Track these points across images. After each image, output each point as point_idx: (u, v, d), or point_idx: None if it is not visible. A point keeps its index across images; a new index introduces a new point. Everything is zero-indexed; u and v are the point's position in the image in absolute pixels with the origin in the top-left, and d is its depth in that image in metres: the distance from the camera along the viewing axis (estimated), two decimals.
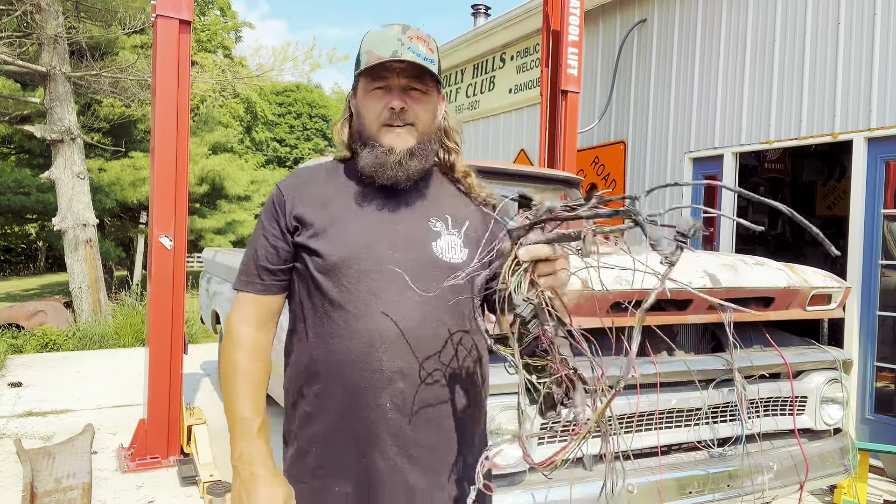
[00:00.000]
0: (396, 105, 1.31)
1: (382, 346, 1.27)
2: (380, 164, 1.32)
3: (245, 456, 1.28)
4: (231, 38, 26.74)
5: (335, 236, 1.31)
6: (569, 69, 5.69)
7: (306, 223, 1.33)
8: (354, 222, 1.33)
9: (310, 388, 1.33)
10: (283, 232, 1.35)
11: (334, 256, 1.30)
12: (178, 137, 4.11)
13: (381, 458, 1.29)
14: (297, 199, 1.36)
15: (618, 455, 2.38)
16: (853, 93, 4.56)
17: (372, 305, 1.28)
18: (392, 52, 1.29)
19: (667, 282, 0.96)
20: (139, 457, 4.10)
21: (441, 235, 1.36)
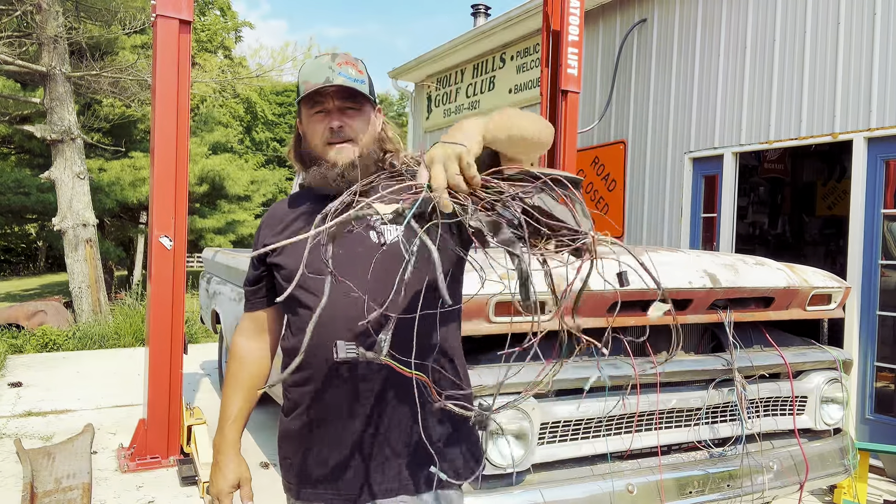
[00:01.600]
0: (335, 125, 1.47)
1: (342, 337, 1.39)
2: (323, 176, 1.48)
3: (216, 446, 1.60)
4: (231, 39, 26.74)
5: (291, 249, 1.48)
6: (569, 69, 5.69)
7: (268, 245, 1.46)
8: (305, 232, 1.41)
9: (293, 377, 1.51)
10: (258, 260, 1.58)
11: (292, 264, 1.49)
12: (178, 137, 4.11)
13: (364, 430, 1.46)
14: (267, 229, 1.60)
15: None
16: (853, 93, 4.56)
17: (328, 300, 1.34)
18: (325, 79, 1.45)
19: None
20: (139, 457, 4.10)
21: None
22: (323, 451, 1.49)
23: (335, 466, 1.48)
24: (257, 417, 5.23)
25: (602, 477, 2.29)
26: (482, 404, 1.33)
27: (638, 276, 1.19)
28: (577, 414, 2.27)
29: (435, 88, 9.56)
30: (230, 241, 18.29)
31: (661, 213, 6.02)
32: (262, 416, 5.28)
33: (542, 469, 2.25)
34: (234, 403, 1.59)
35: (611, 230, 6.52)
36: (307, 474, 1.51)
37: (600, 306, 2.35)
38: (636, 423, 2.41)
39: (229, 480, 1.56)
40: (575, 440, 2.31)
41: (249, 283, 1.63)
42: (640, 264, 1.13)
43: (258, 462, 4.23)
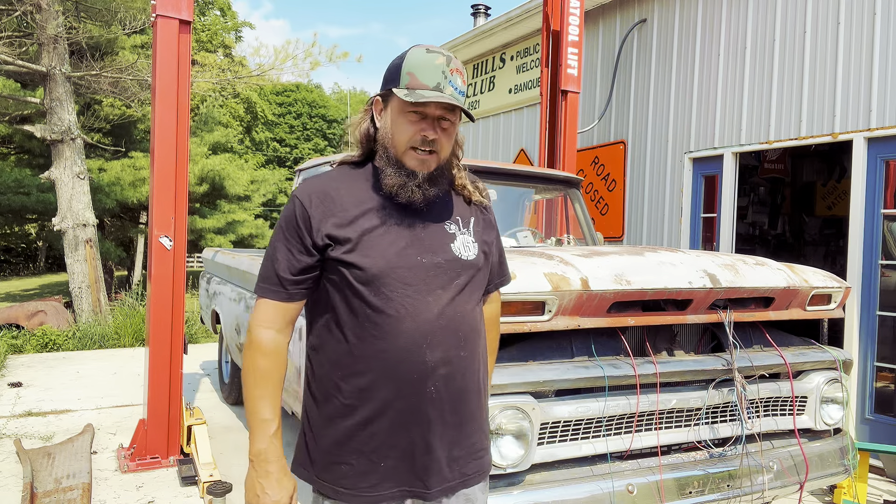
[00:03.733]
0: (430, 135, 1.46)
1: (425, 342, 1.45)
2: (401, 185, 1.47)
3: (262, 454, 1.45)
4: (231, 38, 26.74)
5: (370, 249, 1.44)
6: (569, 69, 5.69)
7: (339, 239, 1.45)
8: (384, 235, 1.46)
9: (350, 383, 1.47)
10: (309, 248, 1.46)
11: (374, 269, 1.43)
12: (178, 137, 4.11)
13: (429, 431, 1.48)
14: (323, 215, 1.47)
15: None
16: (853, 93, 4.56)
17: (412, 307, 1.44)
18: (436, 84, 1.44)
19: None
20: (139, 457, 4.10)
21: (456, 237, 1.54)
22: (392, 453, 1.48)
23: (406, 467, 1.48)
24: None
25: (602, 477, 2.29)
26: None
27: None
28: (576, 414, 2.27)
29: None
30: (230, 241, 18.29)
31: (661, 213, 6.02)
32: None
33: (542, 469, 2.25)
34: (272, 405, 1.48)
35: (611, 230, 6.52)
36: (375, 475, 1.48)
37: (601, 306, 2.35)
38: (636, 423, 2.41)
39: (289, 491, 1.46)
40: (575, 440, 2.31)
41: (292, 270, 1.48)
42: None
43: None
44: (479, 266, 1.56)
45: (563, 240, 4.11)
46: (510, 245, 3.64)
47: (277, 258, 1.49)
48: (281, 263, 1.48)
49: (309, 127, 40.93)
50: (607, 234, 6.47)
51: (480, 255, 1.56)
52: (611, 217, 6.54)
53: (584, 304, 2.30)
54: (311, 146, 40.27)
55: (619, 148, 6.48)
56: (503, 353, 2.28)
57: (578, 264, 2.39)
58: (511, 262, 2.33)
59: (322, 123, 41.20)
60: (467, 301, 1.52)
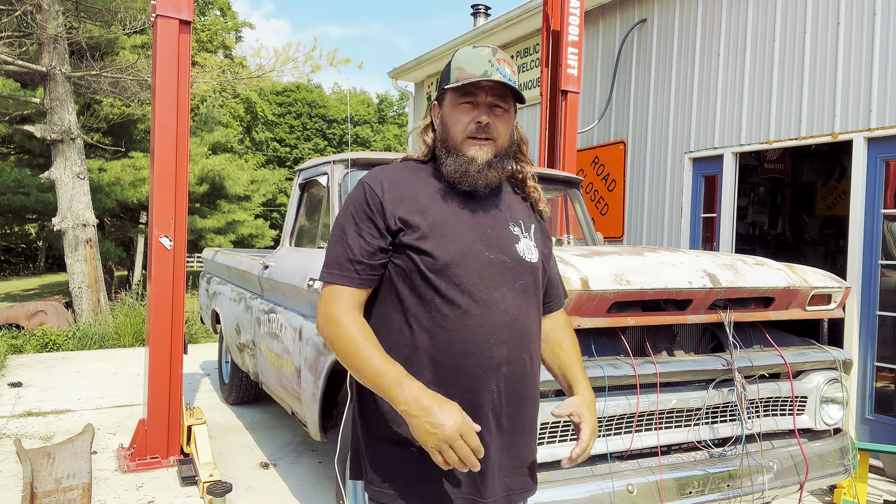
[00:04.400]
0: (483, 120, 1.46)
1: (492, 337, 1.43)
2: (463, 171, 1.47)
3: (410, 398, 1.33)
4: (231, 38, 26.75)
5: (441, 238, 1.44)
6: (569, 69, 5.69)
7: (411, 225, 1.44)
8: (454, 226, 1.46)
9: (412, 373, 1.40)
10: (382, 231, 1.45)
11: (445, 257, 1.42)
12: (178, 137, 4.11)
13: (486, 431, 1.44)
14: (395, 200, 1.46)
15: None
16: (853, 93, 4.56)
17: (480, 301, 1.43)
18: (483, 72, 1.45)
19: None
20: (139, 457, 4.10)
21: (520, 239, 1.55)
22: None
23: (465, 472, 1.41)
24: (256, 417, 5.23)
25: (602, 477, 2.29)
26: None
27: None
28: None
29: (435, 88, 9.56)
30: (230, 241, 18.29)
31: (661, 213, 6.02)
32: (262, 415, 5.28)
33: (542, 469, 2.25)
34: (387, 358, 1.38)
35: (611, 230, 6.52)
36: (436, 480, 1.43)
37: (600, 306, 2.35)
38: (636, 423, 2.41)
39: (456, 410, 1.32)
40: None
41: (364, 255, 1.45)
42: None
43: (258, 462, 4.23)
44: (540, 270, 1.57)
45: (563, 240, 4.11)
46: None
47: (348, 243, 1.45)
48: (353, 248, 1.45)
49: (309, 127, 40.93)
50: (607, 234, 6.47)
51: (540, 261, 1.58)
52: (611, 217, 6.54)
53: (583, 304, 2.30)
54: (311, 146, 40.26)
55: (619, 148, 6.48)
56: None
57: (578, 264, 2.39)
58: None
59: (322, 123, 41.19)
60: (529, 303, 1.52)
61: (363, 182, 1.51)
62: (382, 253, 1.45)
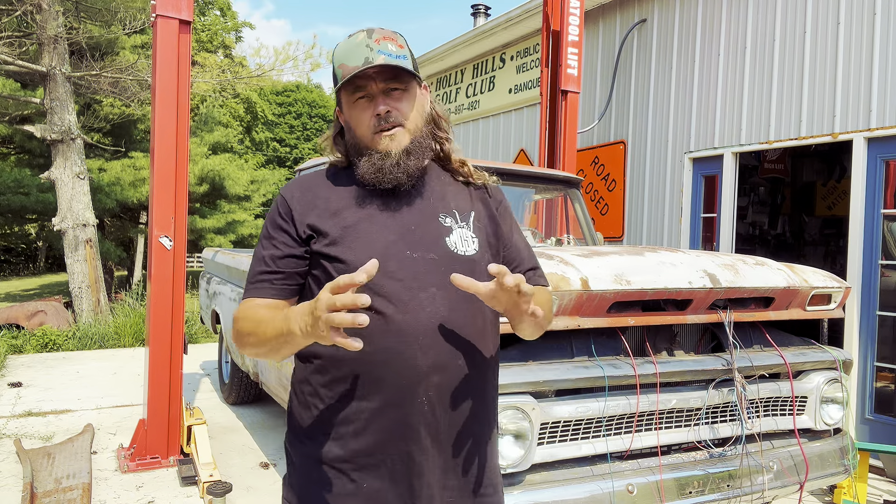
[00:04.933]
0: (381, 110, 1.35)
1: (416, 342, 1.31)
2: (378, 169, 1.36)
3: (291, 314, 1.19)
4: (231, 38, 26.76)
5: (354, 242, 1.34)
6: (569, 69, 5.69)
7: (321, 231, 1.37)
8: (369, 227, 1.37)
9: (333, 389, 1.34)
10: (294, 238, 1.38)
11: (358, 262, 1.29)
12: (178, 137, 4.11)
13: (418, 449, 1.33)
14: (305, 207, 1.40)
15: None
16: (853, 93, 4.56)
17: (401, 305, 1.32)
18: (364, 60, 1.33)
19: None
20: (139, 457, 4.10)
21: (453, 230, 1.42)
22: (377, 472, 1.33)
23: (394, 491, 1.33)
24: (256, 417, 5.23)
25: (602, 477, 2.29)
26: None
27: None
28: (576, 414, 2.27)
29: (435, 88, 9.56)
30: (230, 241, 18.29)
31: (661, 213, 6.02)
32: (262, 415, 5.28)
33: (542, 469, 2.25)
34: (276, 313, 1.27)
35: (611, 230, 6.52)
36: (357, 499, 1.33)
37: (601, 306, 2.35)
38: (636, 423, 2.41)
39: (322, 300, 1.10)
40: (575, 440, 2.31)
41: (278, 264, 1.38)
42: None
43: (258, 462, 4.23)
44: (482, 262, 1.40)
45: (563, 240, 4.11)
46: None
47: (262, 256, 1.40)
48: (268, 261, 1.39)
49: (309, 127, 40.93)
50: (607, 234, 6.47)
51: (482, 251, 1.42)
52: (611, 217, 6.54)
53: (584, 304, 2.30)
54: (311, 146, 40.26)
55: (619, 148, 6.47)
56: (503, 353, 2.28)
57: (578, 264, 2.39)
58: None
59: (322, 123, 41.18)
60: (468, 301, 1.35)
61: (280, 194, 1.45)
62: (297, 260, 1.38)
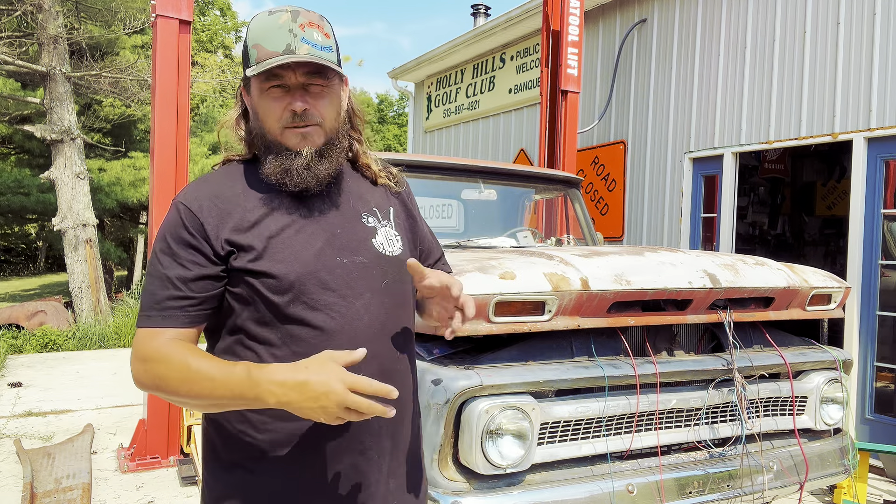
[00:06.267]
0: (298, 108, 1.23)
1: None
2: (285, 169, 1.24)
3: (275, 385, 1.08)
4: (231, 38, 26.76)
5: (281, 253, 1.22)
6: (569, 69, 5.69)
7: (242, 246, 1.21)
8: (295, 236, 1.25)
9: (266, 413, 1.21)
10: (209, 257, 1.21)
11: (290, 275, 1.20)
12: (178, 137, 4.11)
13: (364, 460, 1.27)
14: (218, 219, 1.22)
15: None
16: (853, 93, 4.56)
17: (339, 317, 1.23)
18: (285, 47, 1.20)
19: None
20: (139, 457, 4.10)
21: (377, 230, 1.35)
22: (324, 493, 1.25)
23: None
24: None
25: (602, 477, 2.29)
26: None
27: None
28: (576, 414, 2.27)
29: (435, 88, 9.56)
30: None
31: (661, 213, 6.02)
32: None
33: (542, 469, 2.25)
34: (219, 363, 1.16)
35: (611, 230, 6.53)
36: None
37: (601, 306, 2.35)
38: (636, 423, 2.41)
39: (330, 359, 1.10)
40: (575, 440, 2.31)
41: (190, 287, 1.20)
42: None
43: None
44: (402, 261, 1.34)
45: (563, 240, 4.11)
46: (510, 245, 3.64)
47: (167, 276, 1.20)
48: (173, 280, 1.19)
49: None
50: (607, 234, 6.47)
51: (406, 248, 1.38)
52: (611, 217, 6.54)
53: (584, 304, 2.30)
54: None
55: (619, 148, 6.48)
56: (503, 353, 2.28)
57: (578, 264, 2.39)
58: (511, 262, 2.33)
59: None
60: (400, 304, 1.33)
61: (176, 202, 1.25)
62: (211, 282, 1.21)
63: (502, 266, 2.26)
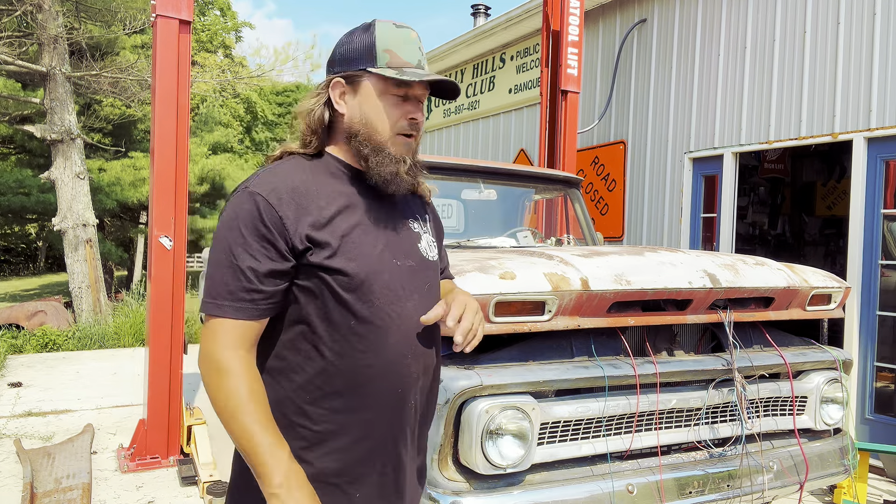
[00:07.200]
0: (419, 118, 1.34)
1: (410, 352, 1.33)
2: (393, 173, 1.32)
3: (285, 483, 1.17)
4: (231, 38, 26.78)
5: (353, 252, 1.27)
6: (569, 69, 5.69)
7: (319, 242, 1.25)
8: (362, 236, 1.30)
9: (322, 405, 1.28)
10: (284, 254, 1.23)
11: (360, 274, 1.26)
12: (178, 137, 4.11)
13: (405, 450, 1.37)
14: (296, 214, 1.24)
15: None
16: (853, 93, 4.56)
17: (396, 316, 1.31)
18: (417, 62, 1.32)
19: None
20: (139, 457, 4.10)
21: (421, 236, 1.43)
22: (370, 479, 1.32)
23: (379, 491, 1.34)
24: None
25: (602, 477, 2.29)
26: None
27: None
28: (576, 414, 2.27)
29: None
30: None
31: (661, 213, 6.02)
32: None
33: (542, 469, 2.25)
34: (273, 426, 1.21)
35: (611, 230, 6.52)
36: (391, 498, 1.35)
37: (601, 306, 2.35)
38: (636, 423, 2.41)
39: None
40: (575, 440, 2.31)
41: (263, 281, 1.22)
42: None
43: None
44: (440, 266, 1.49)
45: (563, 240, 4.11)
46: (510, 245, 3.64)
47: (240, 267, 1.21)
48: (247, 273, 1.21)
49: None
50: (607, 234, 6.47)
51: (437, 254, 1.49)
52: (611, 217, 6.54)
53: (584, 304, 2.30)
54: None
55: (619, 148, 6.47)
56: (503, 353, 2.28)
57: (578, 264, 2.39)
58: (511, 262, 2.33)
59: None
60: (434, 304, 1.39)
61: (252, 192, 1.25)
62: (281, 279, 1.24)
63: (502, 266, 2.26)
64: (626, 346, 2.47)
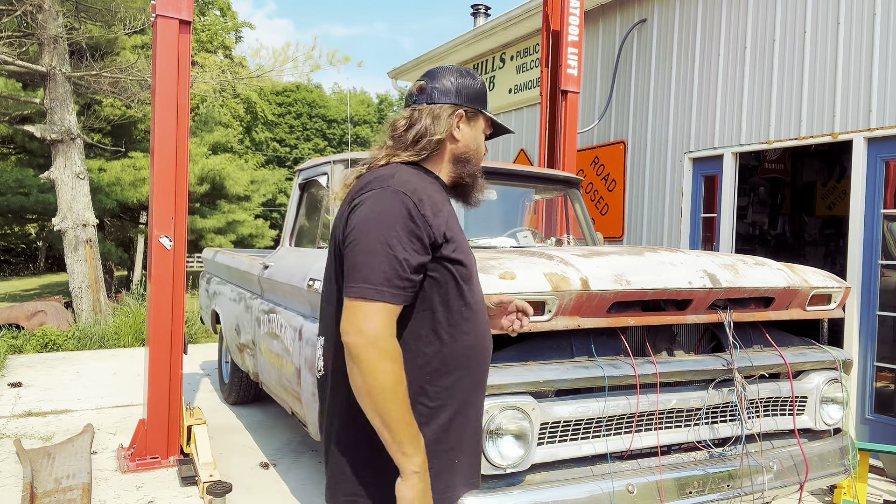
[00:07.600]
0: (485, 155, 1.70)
1: (489, 332, 1.60)
2: (480, 192, 1.68)
3: (423, 465, 1.35)
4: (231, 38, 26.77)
5: (464, 247, 1.51)
6: (569, 69, 5.69)
7: (449, 238, 1.46)
8: (462, 234, 1.55)
9: (436, 384, 1.46)
10: (427, 247, 1.40)
11: (471, 265, 1.52)
12: (178, 137, 4.11)
13: (482, 420, 1.63)
14: (433, 212, 1.44)
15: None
16: (853, 93, 4.56)
17: (481, 302, 1.58)
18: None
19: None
20: (139, 457, 4.10)
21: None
22: (467, 448, 1.54)
23: (471, 461, 1.56)
24: (256, 417, 5.23)
25: (602, 477, 2.29)
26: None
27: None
28: (576, 414, 2.27)
29: None
30: (230, 241, 18.29)
31: (661, 213, 6.02)
32: (262, 415, 5.28)
33: (542, 469, 2.25)
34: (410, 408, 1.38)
35: (611, 230, 6.52)
36: (450, 474, 1.50)
37: (600, 306, 2.35)
38: (636, 423, 2.41)
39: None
40: (575, 440, 2.31)
41: (414, 270, 1.37)
42: None
43: (258, 462, 4.23)
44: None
45: (563, 240, 4.11)
46: (510, 245, 3.64)
47: (398, 258, 1.35)
48: (403, 264, 1.35)
49: (309, 127, 40.92)
50: (607, 234, 6.47)
51: None
52: (611, 217, 6.54)
53: (584, 304, 2.30)
54: (311, 146, 40.25)
55: (619, 148, 6.48)
56: (503, 353, 2.28)
57: (578, 264, 2.39)
58: (511, 262, 2.33)
59: (322, 123, 41.18)
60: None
61: (399, 193, 1.41)
62: (423, 270, 1.41)
63: (502, 266, 2.26)
64: (626, 346, 2.47)
